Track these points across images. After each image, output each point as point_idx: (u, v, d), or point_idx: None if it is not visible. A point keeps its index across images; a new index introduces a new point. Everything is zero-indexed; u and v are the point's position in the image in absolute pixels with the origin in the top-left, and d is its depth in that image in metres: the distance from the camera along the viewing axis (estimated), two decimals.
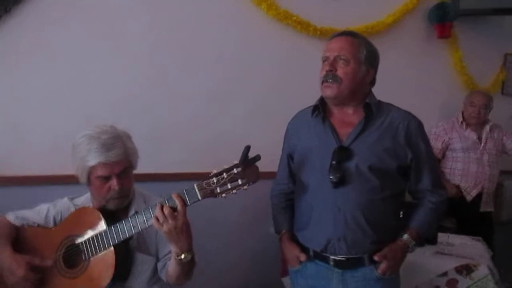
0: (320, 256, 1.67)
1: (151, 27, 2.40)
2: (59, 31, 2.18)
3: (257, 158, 1.42)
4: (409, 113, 1.70)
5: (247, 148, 1.41)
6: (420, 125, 1.70)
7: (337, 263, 1.64)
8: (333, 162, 1.60)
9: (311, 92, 2.18)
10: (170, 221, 1.41)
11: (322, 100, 1.72)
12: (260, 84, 2.74)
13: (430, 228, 1.80)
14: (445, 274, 2.26)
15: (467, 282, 2.23)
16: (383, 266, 1.62)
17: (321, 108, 1.70)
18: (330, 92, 1.64)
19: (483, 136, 3.30)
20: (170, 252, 1.56)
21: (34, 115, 2.13)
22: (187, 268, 1.56)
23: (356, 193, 1.60)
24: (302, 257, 1.70)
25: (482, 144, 3.27)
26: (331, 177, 1.59)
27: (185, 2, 2.51)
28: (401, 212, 1.75)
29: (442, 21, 3.38)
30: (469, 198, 3.23)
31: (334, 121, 1.69)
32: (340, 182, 1.59)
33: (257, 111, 2.72)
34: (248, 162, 1.40)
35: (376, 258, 1.62)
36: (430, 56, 3.49)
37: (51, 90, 2.16)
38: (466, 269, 2.25)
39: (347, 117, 1.69)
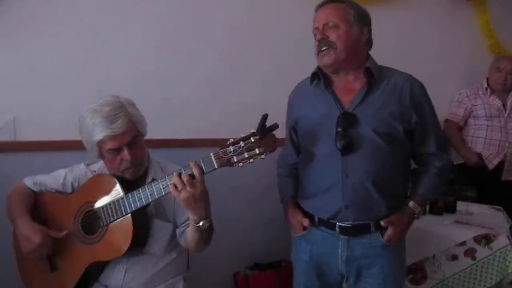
0: (325, 223, 1.67)
1: None
2: None
3: (275, 126, 1.39)
4: (411, 76, 1.67)
5: (265, 117, 1.37)
6: (422, 86, 1.67)
7: (343, 230, 1.63)
8: (339, 129, 1.58)
9: None
10: (188, 189, 1.41)
11: (320, 70, 1.69)
12: (279, 50, 2.67)
13: (435, 194, 1.82)
14: (463, 243, 2.24)
15: (485, 252, 2.21)
16: (389, 232, 1.62)
17: (321, 75, 1.67)
18: (327, 59, 1.60)
19: (508, 103, 3.20)
20: (188, 219, 1.56)
21: (51, 80, 2.10)
22: (205, 234, 1.57)
23: (364, 159, 1.58)
24: (305, 222, 1.70)
25: (507, 112, 3.18)
26: (338, 144, 1.57)
27: None
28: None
29: None
30: (490, 166, 3.17)
31: (336, 89, 1.66)
32: (347, 149, 1.57)
33: (275, 77, 2.64)
34: (265, 131, 1.37)
35: (382, 223, 1.61)
36: (455, 18, 3.35)
37: (68, 55, 2.13)
38: (485, 239, 2.23)
39: (349, 84, 1.65)
